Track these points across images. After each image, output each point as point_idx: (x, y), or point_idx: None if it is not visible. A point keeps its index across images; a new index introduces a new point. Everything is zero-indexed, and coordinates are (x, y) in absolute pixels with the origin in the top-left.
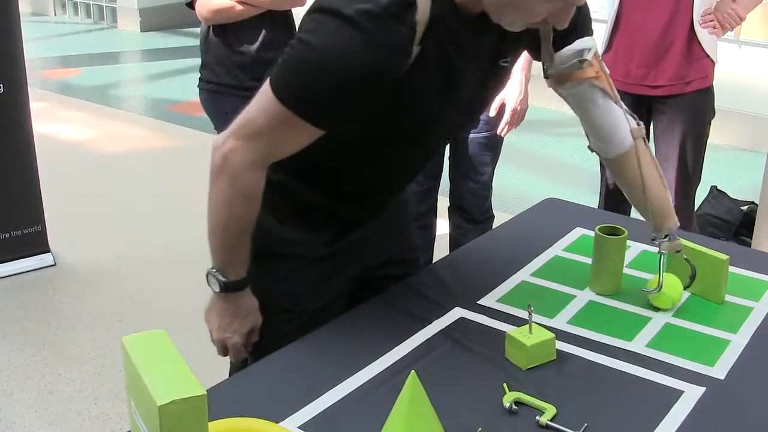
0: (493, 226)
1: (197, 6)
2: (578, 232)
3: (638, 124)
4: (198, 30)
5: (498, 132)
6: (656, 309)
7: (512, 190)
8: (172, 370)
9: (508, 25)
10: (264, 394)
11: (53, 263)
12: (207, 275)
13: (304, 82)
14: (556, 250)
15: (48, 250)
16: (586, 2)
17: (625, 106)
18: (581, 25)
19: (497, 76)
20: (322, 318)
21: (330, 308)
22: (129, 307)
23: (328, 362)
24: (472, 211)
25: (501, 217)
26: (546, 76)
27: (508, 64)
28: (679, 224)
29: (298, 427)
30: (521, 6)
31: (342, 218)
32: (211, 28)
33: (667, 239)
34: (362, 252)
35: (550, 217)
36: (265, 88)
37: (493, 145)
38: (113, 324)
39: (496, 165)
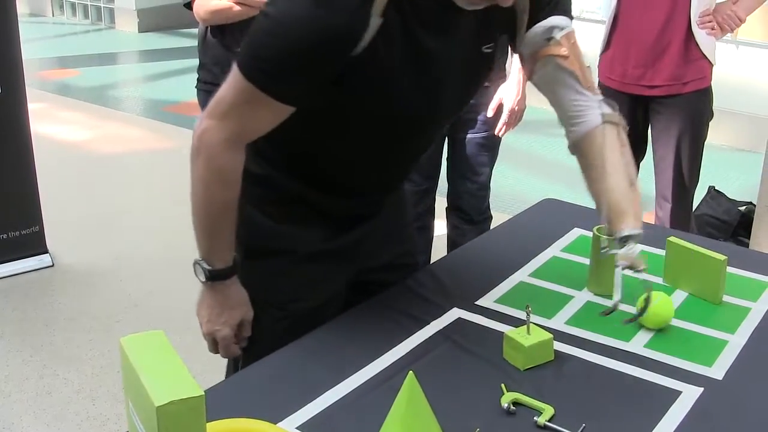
0: (491, 227)
1: (195, 7)
2: (576, 232)
3: (616, 113)
4: (196, 31)
5: (495, 132)
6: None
7: (510, 191)
8: (170, 370)
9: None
10: (262, 395)
11: (51, 264)
12: (194, 265)
13: (264, 54)
14: (554, 250)
15: (46, 251)
16: None
17: (601, 96)
18: (557, 6)
19: (482, 64)
20: (317, 319)
21: (325, 309)
22: (127, 308)
23: (326, 363)
24: (469, 212)
25: (499, 217)
26: (523, 65)
27: (491, 51)
28: (642, 232)
29: (296, 428)
30: None
31: (332, 214)
32: (208, 28)
33: (624, 248)
34: (360, 253)
35: (548, 218)
36: (234, 65)
37: (491, 145)
38: (111, 325)
39: (494, 165)
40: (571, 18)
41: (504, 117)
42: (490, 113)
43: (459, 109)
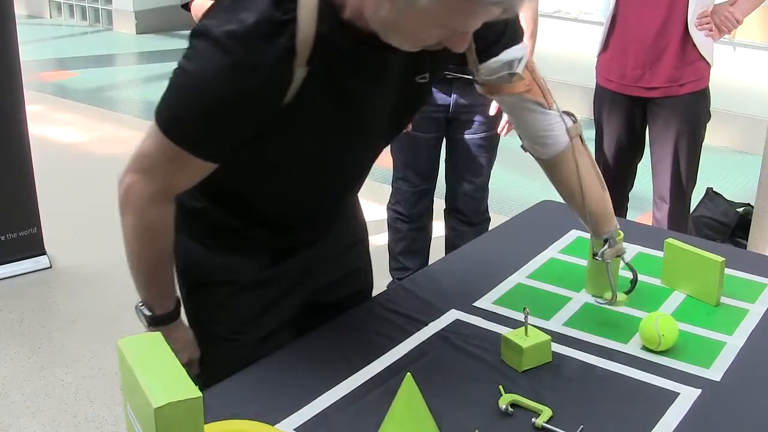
0: (489, 228)
1: (193, 8)
2: (574, 234)
3: (574, 122)
4: None
5: (498, 131)
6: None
7: (508, 192)
8: (168, 372)
9: (398, 46)
10: (260, 397)
11: (49, 266)
12: (135, 309)
13: (184, 114)
14: (552, 252)
15: (44, 253)
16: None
17: (558, 108)
18: (510, 34)
19: (416, 94)
20: (270, 346)
21: (274, 338)
22: (125, 310)
23: (324, 364)
24: (468, 213)
25: (496, 219)
26: (477, 83)
27: (427, 80)
28: (618, 226)
29: (294, 430)
30: (405, 31)
31: (270, 245)
32: None
33: (607, 246)
34: (306, 276)
35: (546, 219)
36: (154, 120)
37: (490, 146)
38: (109, 326)
39: (492, 167)
40: (522, 39)
41: (506, 116)
42: (492, 111)
43: (391, 140)
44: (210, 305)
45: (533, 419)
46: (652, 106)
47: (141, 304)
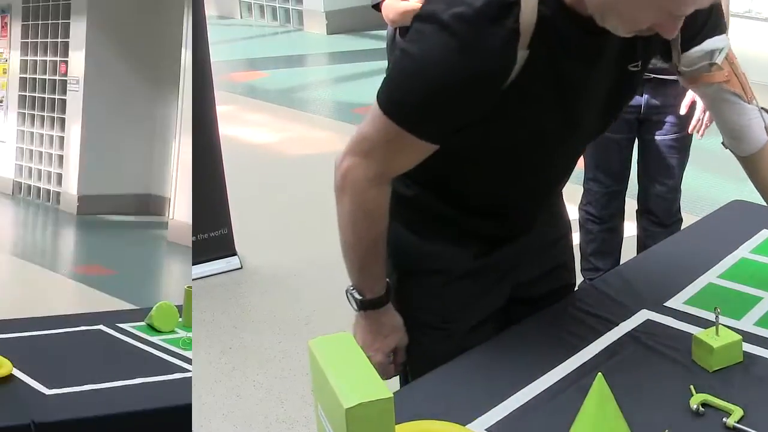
0: (680, 229)
1: (384, 8)
2: (765, 233)
3: None
4: (384, 33)
5: (690, 131)
6: None
7: (700, 192)
8: (359, 373)
9: (612, 30)
10: (451, 397)
11: (240, 266)
12: (345, 293)
13: (403, 93)
14: (743, 252)
15: (234, 253)
16: (718, 1)
17: (758, 104)
18: (712, 24)
19: (627, 83)
20: (479, 336)
21: (483, 328)
22: (315, 310)
23: (515, 365)
24: (660, 215)
25: (688, 218)
26: (678, 73)
27: (639, 69)
28: None
29: (486, 430)
30: (623, 13)
31: (481, 234)
32: (397, 30)
33: None
34: (514, 268)
35: (737, 219)
36: (375, 103)
37: (682, 147)
38: (299, 327)
39: (684, 168)
40: (725, 30)
41: (698, 113)
42: (683, 111)
43: (603, 130)
44: (421, 293)
45: (724, 419)
46: None
47: (352, 288)
